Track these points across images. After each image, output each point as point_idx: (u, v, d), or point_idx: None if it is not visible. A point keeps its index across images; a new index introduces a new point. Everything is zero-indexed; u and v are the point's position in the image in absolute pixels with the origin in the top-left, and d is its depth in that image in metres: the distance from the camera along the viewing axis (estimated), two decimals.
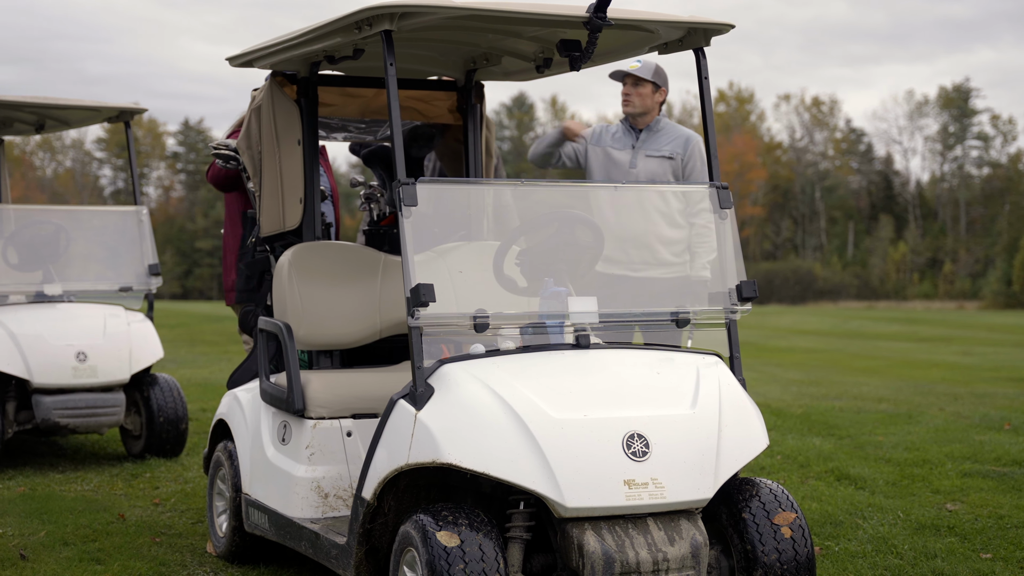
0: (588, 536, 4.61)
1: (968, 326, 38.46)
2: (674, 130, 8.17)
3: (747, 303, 5.43)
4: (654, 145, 8.08)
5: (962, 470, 8.86)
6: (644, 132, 8.11)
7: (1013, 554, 6.47)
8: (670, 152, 8.05)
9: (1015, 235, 75.46)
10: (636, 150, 8.08)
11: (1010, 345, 26.94)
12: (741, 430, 5.04)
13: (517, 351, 5.10)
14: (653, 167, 8.05)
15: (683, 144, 8.07)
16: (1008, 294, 70.78)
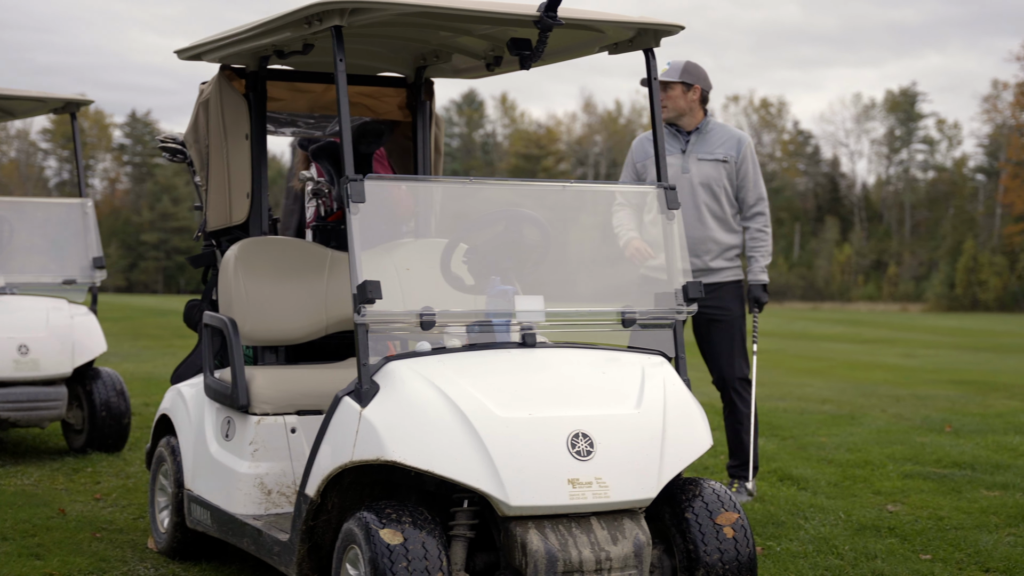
0: (531, 535, 4.61)
1: (911, 328, 38.80)
2: (724, 131, 8.13)
3: (693, 303, 5.46)
4: (706, 148, 8.04)
5: (903, 471, 8.93)
6: (693, 135, 8.05)
7: (952, 555, 6.53)
8: (723, 155, 8.02)
9: (959, 239, 76.16)
10: (687, 154, 8.02)
11: (952, 348, 27.20)
12: (685, 430, 5.06)
13: (463, 349, 5.10)
14: (707, 171, 8.02)
15: (736, 146, 8.05)
16: (951, 297, 71.46)
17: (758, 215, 8.09)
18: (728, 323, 8.01)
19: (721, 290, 7.99)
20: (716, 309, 7.96)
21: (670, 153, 7.98)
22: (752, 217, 8.09)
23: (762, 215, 8.10)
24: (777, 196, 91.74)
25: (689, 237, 7.88)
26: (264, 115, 6.50)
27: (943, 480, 8.59)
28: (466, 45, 6.33)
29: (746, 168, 8.04)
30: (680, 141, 8.03)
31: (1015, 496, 7.99)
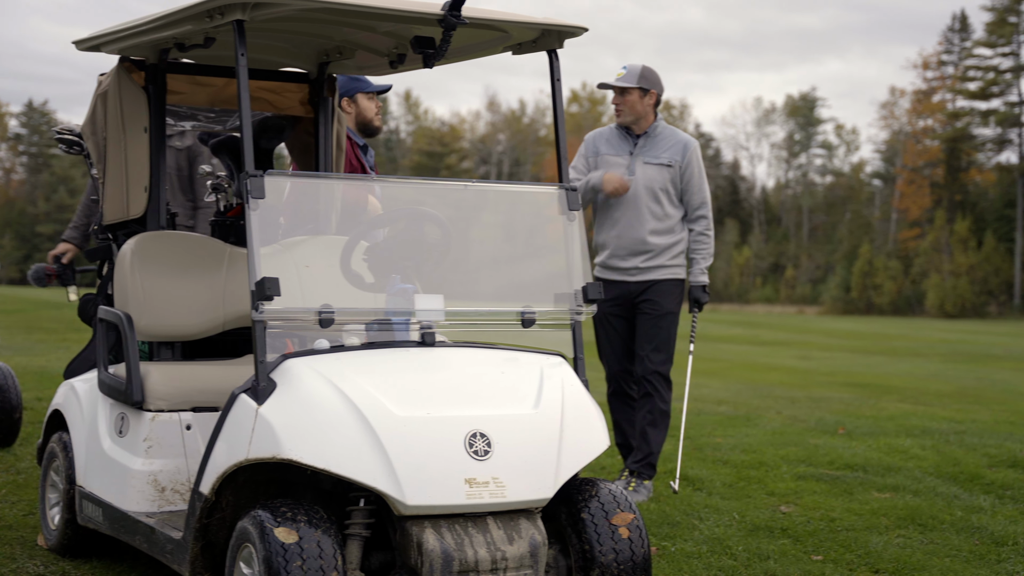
0: (427, 534, 4.61)
1: (807, 331, 39.31)
2: (672, 135, 8.35)
3: (592, 304, 5.48)
4: (652, 152, 8.26)
5: (797, 473, 9.05)
6: (642, 138, 8.28)
7: (843, 556, 6.62)
8: (668, 160, 8.25)
9: (855, 243, 77.30)
10: (634, 156, 8.25)
11: (846, 350, 27.60)
12: (582, 431, 5.08)
13: (362, 347, 5.08)
14: (652, 174, 8.25)
15: (681, 151, 8.28)
16: (846, 300, 72.53)
17: (701, 218, 8.34)
18: (657, 318, 8.23)
19: (657, 286, 8.25)
20: (648, 303, 8.23)
21: (618, 155, 8.27)
22: (695, 220, 8.34)
23: (704, 218, 8.35)
24: None
25: (629, 237, 8.24)
26: (164, 108, 6.42)
27: (835, 482, 8.71)
28: (369, 42, 6.30)
29: (691, 172, 8.28)
30: (629, 143, 8.30)
31: (905, 498, 8.13)
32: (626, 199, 8.23)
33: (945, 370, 21.60)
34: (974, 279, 71.23)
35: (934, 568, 6.37)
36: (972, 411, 14.16)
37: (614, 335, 8.40)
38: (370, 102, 7.98)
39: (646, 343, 8.23)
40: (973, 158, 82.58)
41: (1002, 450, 10.36)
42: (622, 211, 8.25)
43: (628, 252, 8.26)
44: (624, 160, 8.25)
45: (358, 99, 7.93)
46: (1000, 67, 79.55)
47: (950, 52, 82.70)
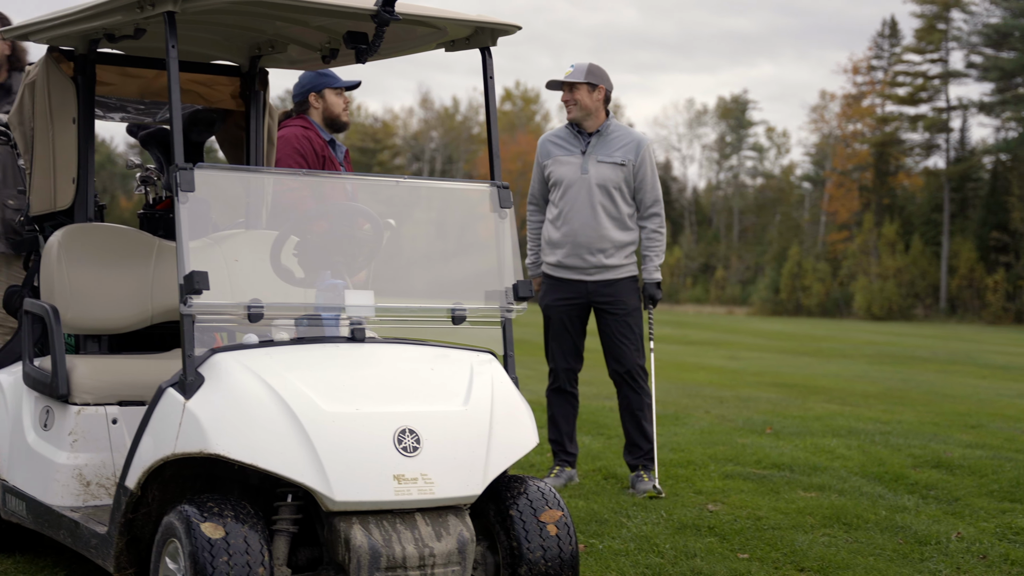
0: (355, 530, 4.60)
1: (736, 331, 39.59)
2: (625, 135, 8.40)
3: (523, 302, 5.50)
4: (605, 150, 8.30)
5: (724, 472, 9.11)
6: (594, 137, 8.32)
7: (769, 554, 6.67)
8: (622, 158, 8.30)
9: (784, 244, 77.92)
10: (587, 155, 8.29)
11: (775, 351, 27.82)
12: (512, 428, 5.09)
13: (291, 342, 5.06)
14: (606, 172, 8.31)
15: (635, 150, 8.33)
16: (775, 301, 73.07)
17: (654, 216, 8.44)
18: (625, 315, 8.38)
19: (616, 285, 8.38)
20: (612, 303, 8.36)
21: (571, 153, 8.32)
22: (648, 217, 8.43)
23: (657, 216, 8.45)
24: None
25: (584, 235, 8.31)
26: (92, 99, 6.36)
27: (762, 481, 8.78)
28: (302, 36, 6.28)
29: (644, 171, 8.36)
30: (581, 142, 8.34)
31: (830, 497, 8.20)
32: (580, 198, 8.29)
33: (871, 371, 21.81)
34: (901, 282, 71.97)
35: (858, 567, 6.43)
36: (897, 412, 14.31)
37: (564, 333, 8.50)
38: (338, 97, 7.90)
39: (622, 340, 8.38)
40: (901, 162, 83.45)
41: (926, 451, 10.48)
42: (576, 210, 8.31)
43: (585, 250, 8.33)
44: (577, 159, 8.31)
45: (325, 94, 7.85)
46: (929, 73, 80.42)
47: (880, 57, 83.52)
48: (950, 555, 6.74)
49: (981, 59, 77.30)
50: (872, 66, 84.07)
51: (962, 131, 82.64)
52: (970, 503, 8.17)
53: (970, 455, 10.24)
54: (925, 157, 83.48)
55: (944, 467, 9.65)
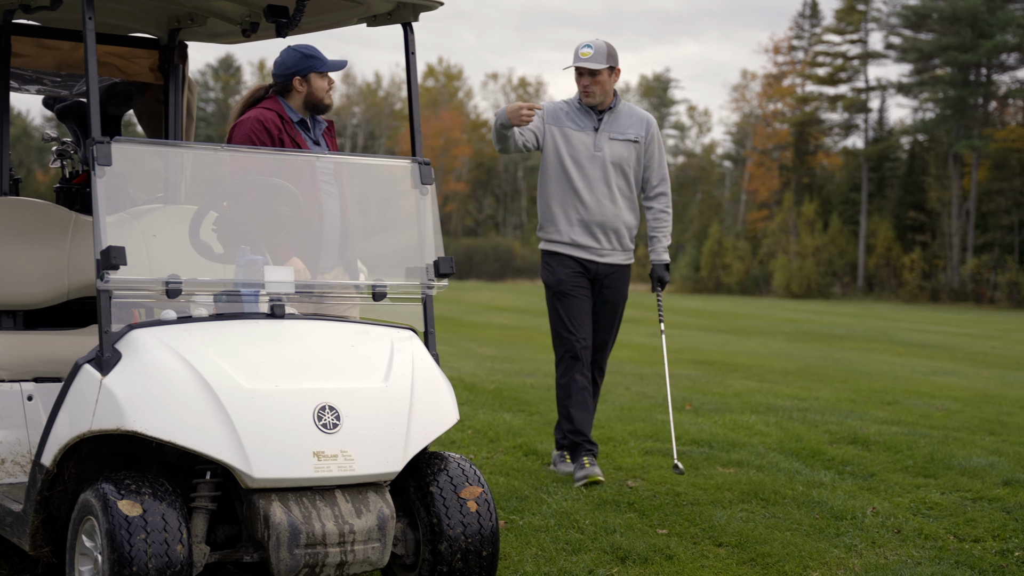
0: (275, 507, 4.58)
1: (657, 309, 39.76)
2: (633, 112, 8.18)
3: (444, 279, 5.49)
4: (617, 128, 8.07)
5: (644, 448, 9.16)
6: (606, 114, 8.07)
7: (687, 530, 6.73)
8: (634, 135, 8.08)
9: (705, 223, 78.41)
10: (599, 132, 8.03)
11: (695, 328, 28.01)
12: (432, 404, 5.10)
13: (210, 319, 5.02)
14: (619, 150, 8.06)
15: (645, 127, 8.13)
16: (696, 279, 73.58)
17: (661, 195, 8.23)
18: (617, 304, 8.19)
19: (620, 271, 8.17)
20: (610, 290, 8.14)
21: (582, 130, 8.05)
22: (655, 197, 8.22)
23: (665, 195, 8.24)
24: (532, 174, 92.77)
25: (600, 215, 8.02)
26: (7, 71, 6.27)
27: (682, 457, 8.84)
28: (222, 10, 6.22)
29: (653, 148, 8.16)
30: (592, 119, 8.08)
31: (748, 473, 8.28)
32: (594, 176, 8.03)
33: (790, 349, 22.03)
34: (819, 260, 72.70)
35: (775, 542, 6.50)
36: (815, 389, 14.46)
37: (583, 308, 8.06)
38: (322, 80, 7.63)
39: (608, 330, 8.19)
40: (821, 142, 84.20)
41: (843, 427, 10.60)
42: (590, 187, 8.02)
43: (600, 230, 8.04)
44: (589, 137, 8.03)
45: (311, 78, 7.33)
46: (848, 53, 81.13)
47: (800, 38, 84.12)
48: (865, 530, 6.83)
49: (900, 40, 78.08)
50: (793, 46, 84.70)
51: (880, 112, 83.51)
52: (885, 479, 8.28)
53: (885, 431, 10.38)
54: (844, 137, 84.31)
55: (860, 443, 9.77)
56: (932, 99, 76.62)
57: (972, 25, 71.81)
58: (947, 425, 11.11)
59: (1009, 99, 76.02)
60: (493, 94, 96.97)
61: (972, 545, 6.61)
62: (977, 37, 72.14)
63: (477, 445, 9.17)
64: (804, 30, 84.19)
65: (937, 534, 6.79)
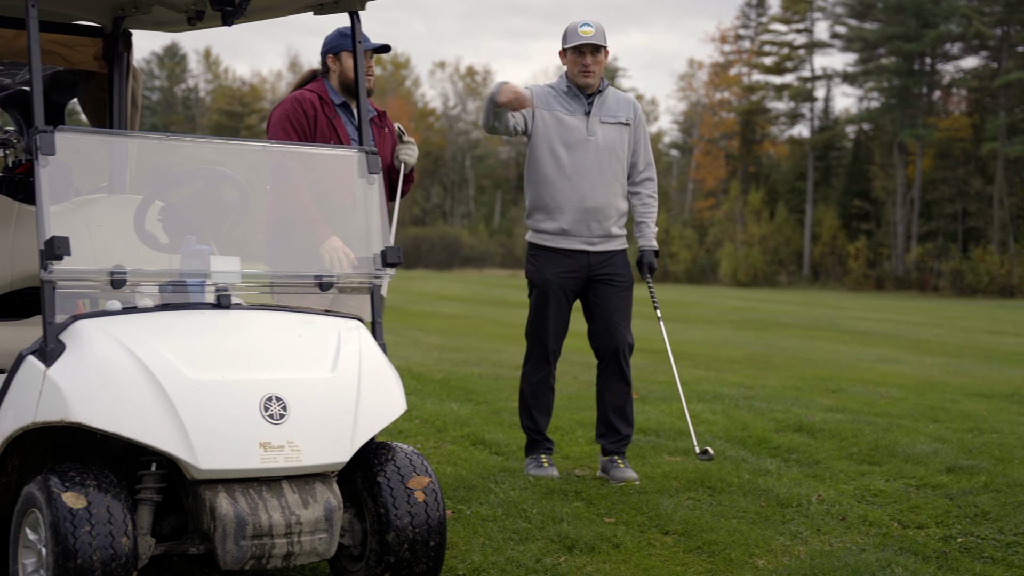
0: (221, 498, 4.56)
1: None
2: (620, 95, 8.01)
3: (391, 268, 5.48)
4: (608, 111, 7.88)
5: (590, 437, 9.18)
6: (596, 97, 7.87)
7: (635, 518, 6.75)
8: (625, 118, 7.90)
9: None
10: (591, 116, 7.83)
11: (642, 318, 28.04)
12: (380, 394, 5.08)
13: (155, 309, 4.98)
14: (611, 134, 7.86)
15: (633, 110, 7.95)
16: None
17: (648, 180, 8.06)
18: (624, 289, 7.95)
19: (617, 257, 7.94)
20: (612, 275, 7.91)
21: (573, 114, 7.83)
22: (642, 182, 8.02)
23: (651, 180, 8.08)
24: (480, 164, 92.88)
25: (593, 201, 7.80)
26: None
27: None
28: None
29: (640, 131, 7.99)
30: (582, 103, 7.87)
31: (694, 461, 8.32)
32: (587, 160, 7.80)
33: (736, 337, 22.16)
34: (766, 249, 73.12)
35: (721, 529, 6.54)
36: (761, 377, 14.56)
37: (562, 312, 7.94)
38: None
39: (616, 314, 7.90)
40: (767, 131, 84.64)
41: (789, 415, 10.68)
42: (584, 174, 7.80)
43: (592, 218, 7.81)
44: (580, 121, 7.81)
45: (342, 57, 7.15)
46: (794, 43, 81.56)
47: (747, 27, 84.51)
48: (811, 517, 6.88)
49: (845, 30, 78.56)
50: (739, 35, 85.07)
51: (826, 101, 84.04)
52: (830, 466, 8.35)
53: (830, 419, 10.46)
54: (790, 126, 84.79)
55: (805, 431, 9.84)
56: (877, 88, 77.16)
57: (916, 15, 72.34)
58: (891, 413, 11.21)
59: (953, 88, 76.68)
60: (440, 83, 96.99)
61: (916, 532, 6.68)
62: (921, 27, 72.69)
63: (424, 435, 9.17)
64: (751, 19, 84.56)
65: (881, 521, 6.85)
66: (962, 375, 16.05)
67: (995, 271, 66.48)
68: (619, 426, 7.94)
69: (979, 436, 9.83)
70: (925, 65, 75.31)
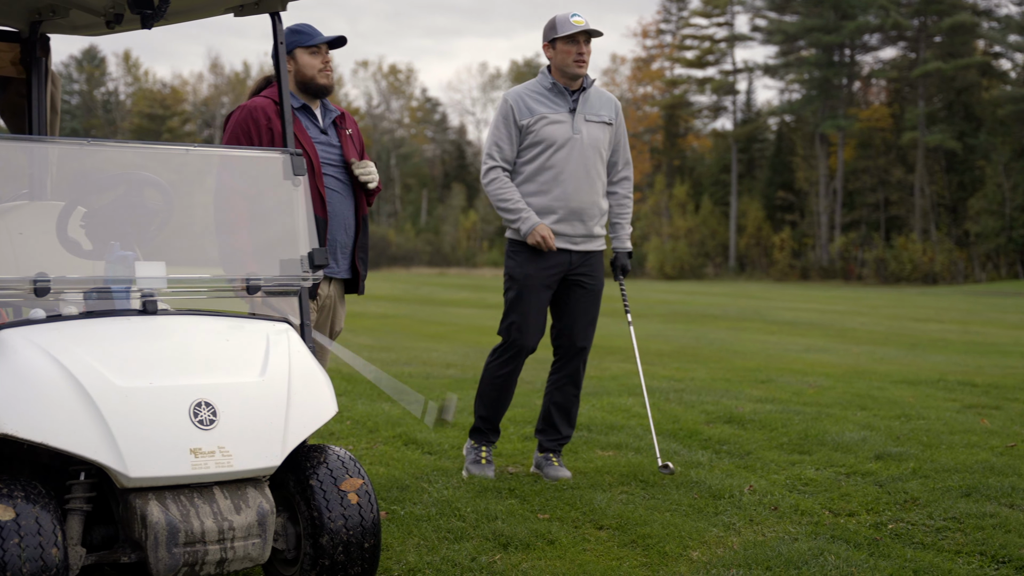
0: (152, 506, 4.52)
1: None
2: (603, 93, 7.86)
3: (318, 270, 5.45)
4: (592, 109, 7.73)
5: (524, 434, 9.19)
6: (579, 95, 7.71)
7: (568, 514, 6.76)
8: (608, 117, 7.77)
9: None
10: (576, 114, 7.67)
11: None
12: (310, 397, 5.05)
13: (80, 317, 4.92)
14: (596, 133, 7.73)
15: (614, 109, 7.82)
16: None
17: (625, 180, 7.96)
18: (596, 292, 7.84)
19: (595, 257, 7.83)
20: (588, 275, 7.79)
21: (557, 112, 7.65)
22: (619, 182, 7.92)
23: (628, 180, 7.99)
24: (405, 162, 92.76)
25: (579, 201, 7.67)
26: None
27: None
28: (85, 1, 6.10)
29: (622, 130, 7.87)
30: (567, 100, 7.70)
31: (627, 456, 8.35)
32: (572, 160, 7.62)
33: (665, 330, 22.27)
34: (692, 242, 73.61)
35: (655, 522, 6.56)
36: (690, 369, 14.64)
37: (540, 309, 7.77)
38: (312, 57, 6.89)
39: (582, 317, 7.80)
40: (690, 124, 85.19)
41: (719, 407, 10.74)
42: (570, 173, 7.64)
43: (577, 217, 7.69)
44: (566, 118, 7.65)
45: (297, 55, 6.90)
46: (715, 36, 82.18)
47: (668, 21, 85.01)
48: (743, 508, 6.93)
49: (765, 23, 79.20)
50: (661, 30, 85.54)
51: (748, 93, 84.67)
52: (761, 456, 8.41)
53: (760, 409, 10.54)
54: (713, 119, 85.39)
55: (736, 422, 9.91)
56: (798, 80, 77.88)
57: (835, 7, 73.10)
58: (820, 402, 11.31)
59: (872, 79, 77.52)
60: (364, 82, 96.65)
61: (847, 519, 6.74)
62: (840, 18, 73.45)
63: (356, 436, 9.14)
64: (672, 14, 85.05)
65: (813, 510, 6.91)
66: (888, 362, 16.23)
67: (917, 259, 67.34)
68: (561, 426, 7.93)
69: (906, 423, 9.94)
70: (844, 56, 76.09)
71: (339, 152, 6.96)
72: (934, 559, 5.96)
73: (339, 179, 6.93)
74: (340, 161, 6.95)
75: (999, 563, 5.93)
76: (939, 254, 68.03)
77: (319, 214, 6.71)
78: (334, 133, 6.98)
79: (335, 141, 6.96)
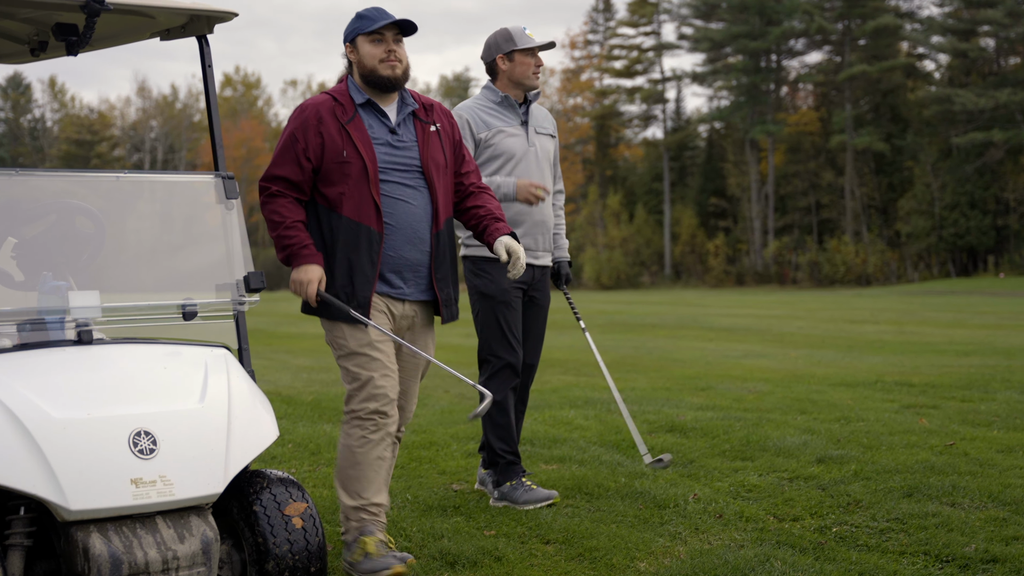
0: (93, 539, 4.46)
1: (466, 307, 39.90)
2: (540, 107, 7.76)
3: (255, 294, 5.41)
4: (539, 122, 7.63)
5: (466, 450, 9.16)
6: (526, 108, 7.57)
7: (515, 530, 6.75)
8: (552, 130, 7.68)
9: None
10: (528, 127, 7.54)
11: None
12: (251, 422, 5.02)
13: (14, 349, 4.86)
14: (546, 145, 7.63)
15: (552, 122, 7.76)
16: None
17: (559, 193, 7.90)
18: (546, 309, 7.76)
19: (546, 273, 7.73)
20: (539, 293, 7.67)
21: (511, 124, 7.49)
22: (555, 194, 7.85)
23: (562, 192, 7.94)
24: None
25: (540, 214, 7.54)
26: None
27: None
28: (7, 29, 6.03)
29: (558, 144, 7.82)
30: (518, 113, 7.54)
31: (571, 468, 8.34)
32: (531, 173, 7.46)
33: (604, 340, 22.30)
34: (627, 251, 73.86)
35: (601, 535, 6.56)
36: (631, 379, 14.66)
37: (519, 320, 7.54)
38: (374, 46, 6.07)
39: (538, 334, 7.73)
40: (621, 134, 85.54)
41: (660, 415, 10.76)
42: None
43: (539, 231, 7.56)
44: (520, 131, 7.49)
45: (359, 44, 6.13)
46: (643, 46, 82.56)
47: (595, 32, 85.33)
48: (688, 516, 6.94)
49: (692, 31, 79.70)
50: (589, 40, 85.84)
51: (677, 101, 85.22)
52: (704, 464, 8.43)
53: (701, 417, 10.57)
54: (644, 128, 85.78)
55: (678, 430, 9.93)
56: (726, 87, 78.40)
57: (760, 13, 73.69)
58: (760, 407, 11.36)
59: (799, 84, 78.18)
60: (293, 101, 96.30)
61: (791, 524, 6.76)
62: (766, 24, 74.05)
63: (299, 459, 9.07)
64: (599, 24, 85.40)
65: (757, 516, 6.93)
66: (826, 365, 16.34)
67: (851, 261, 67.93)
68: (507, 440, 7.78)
69: (846, 425, 10.00)
70: (771, 62, 76.70)
71: (410, 154, 6.12)
72: (879, 561, 5.99)
73: (407, 185, 6.07)
74: (411, 164, 6.10)
75: (943, 562, 5.97)
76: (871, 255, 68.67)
77: (373, 226, 5.94)
78: (410, 130, 6.14)
79: (407, 140, 6.11)
